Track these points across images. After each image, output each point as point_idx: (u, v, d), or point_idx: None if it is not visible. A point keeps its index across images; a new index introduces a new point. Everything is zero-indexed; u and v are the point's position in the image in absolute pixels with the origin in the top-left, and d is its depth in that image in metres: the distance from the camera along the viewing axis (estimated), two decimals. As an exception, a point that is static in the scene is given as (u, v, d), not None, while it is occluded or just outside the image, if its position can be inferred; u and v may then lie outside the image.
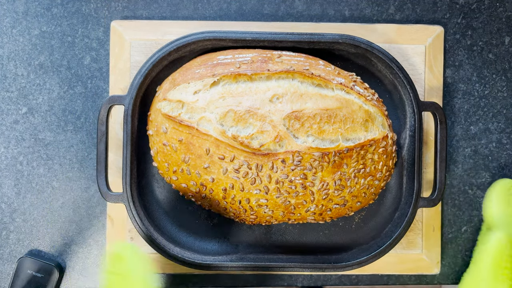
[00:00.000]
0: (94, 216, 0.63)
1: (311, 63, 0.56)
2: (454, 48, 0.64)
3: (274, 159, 0.54)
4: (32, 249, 0.63)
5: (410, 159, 0.59)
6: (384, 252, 0.58)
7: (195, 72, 0.56)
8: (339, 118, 0.54)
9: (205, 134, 0.54)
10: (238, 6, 0.64)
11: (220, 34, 0.57)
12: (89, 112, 0.63)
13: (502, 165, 0.65)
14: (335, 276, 0.64)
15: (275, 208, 0.56)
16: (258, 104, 0.53)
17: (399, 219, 0.59)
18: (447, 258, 0.64)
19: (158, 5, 0.63)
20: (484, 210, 0.61)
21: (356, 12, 0.64)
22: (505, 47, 0.65)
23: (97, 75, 0.63)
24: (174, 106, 0.55)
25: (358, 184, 0.56)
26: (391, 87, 0.61)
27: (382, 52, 0.58)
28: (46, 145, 0.63)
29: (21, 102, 0.63)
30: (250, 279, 0.63)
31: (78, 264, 0.63)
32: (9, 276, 0.63)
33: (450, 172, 0.64)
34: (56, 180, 0.63)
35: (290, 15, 0.64)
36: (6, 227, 0.63)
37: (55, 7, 0.63)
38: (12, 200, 0.63)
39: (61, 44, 0.63)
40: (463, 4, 0.65)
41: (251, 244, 0.62)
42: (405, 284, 0.65)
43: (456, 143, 0.64)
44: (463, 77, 0.64)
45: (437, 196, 0.59)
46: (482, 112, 0.64)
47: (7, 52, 0.63)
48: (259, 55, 0.56)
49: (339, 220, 0.63)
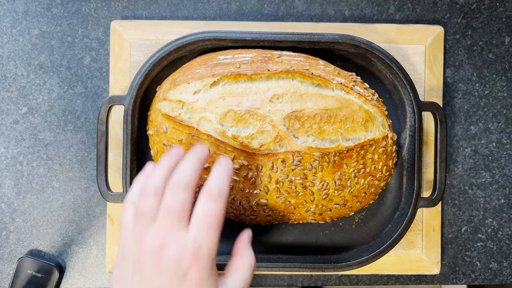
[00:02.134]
0: (94, 216, 0.63)
1: (311, 63, 0.56)
2: (454, 48, 0.64)
3: (274, 159, 0.54)
4: (32, 249, 0.63)
5: (410, 159, 0.60)
6: (384, 252, 0.58)
7: (195, 72, 0.56)
8: (339, 118, 0.54)
9: (205, 134, 0.54)
10: (238, 6, 0.64)
11: (220, 34, 0.57)
12: (89, 112, 0.63)
13: (502, 165, 0.65)
14: (335, 276, 0.64)
15: (275, 208, 0.56)
16: (258, 104, 0.53)
17: (399, 219, 0.59)
18: (447, 258, 0.64)
19: (158, 5, 0.63)
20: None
21: (356, 12, 0.64)
22: (505, 47, 0.65)
23: (97, 75, 0.63)
24: (174, 106, 0.55)
25: (358, 184, 0.56)
26: (391, 87, 0.61)
27: (382, 52, 0.58)
28: (46, 145, 0.63)
29: (21, 102, 0.63)
30: (250, 279, 0.63)
31: (78, 264, 0.63)
32: (9, 276, 0.63)
33: (450, 172, 0.64)
34: (56, 180, 0.63)
35: (290, 15, 0.64)
36: (6, 227, 0.63)
37: (55, 7, 0.63)
38: (12, 200, 0.63)
39: (61, 44, 0.63)
40: (463, 4, 0.65)
41: (251, 244, 0.62)
42: (405, 284, 0.65)
43: (456, 143, 0.64)
44: (463, 77, 0.64)
45: (437, 196, 0.59)
46: (482, 112, 0.64)
47: (7, 52, 0.63)
48: (259, 55, 0.56)
49: (339, 220, 0.63)
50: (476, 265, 0.65)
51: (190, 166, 0.45)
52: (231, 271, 0.46)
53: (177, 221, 0.42)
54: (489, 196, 0.64)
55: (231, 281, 0.45)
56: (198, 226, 0.42)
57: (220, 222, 0.43)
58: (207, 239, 0.42)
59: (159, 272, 0.41)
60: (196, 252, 0.41)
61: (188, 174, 0.44)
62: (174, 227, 0.42)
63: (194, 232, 0.42)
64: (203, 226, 0.42)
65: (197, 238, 0.41)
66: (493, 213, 0.64)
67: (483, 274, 0.65)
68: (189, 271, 0.41)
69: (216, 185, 0.44)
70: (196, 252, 0.41)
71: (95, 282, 0.63)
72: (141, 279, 0.41)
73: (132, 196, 0.46)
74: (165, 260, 0.41)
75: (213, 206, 0.43)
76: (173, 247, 0.41)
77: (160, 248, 0.41)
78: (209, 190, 0.44)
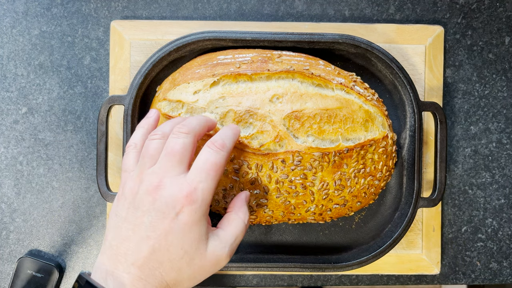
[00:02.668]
0: (94, 216, 0.63)
1: (311, 63, 0.56)
2: (454, 48, 0.64)
3: (274, 159, 0.53)
4: (32, 249, 0.63)
5: (410, 159, 0.60)
6: (384, 252, 0.58)
7: (195, 72, 0.56)
8: (339, 118, 0.54)
9: (205, 134, 0.54)
10: (238, 6, 0.64)
11: (220, 34, 0.57)
12: (89, 112, 0.63)
13: (502, 165, 0.65)
14: (335, 276, 0.64)
15: (275, 208, 0.56)
16: (258, 104, 0.53)
17: (399, 219, 0.59)
18: (447, 258, 0.64)
19: (158, 5, 0.63)
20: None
21: (356, 12, 0.64)
22: (505, 47, 0.65)
23: (97, 75, 0.63)
24: (174, 106, 0.55)
25: (358, 184, 0.56)
26: (391, 87, 0.61)
27: (382, 52, 0.58)
28: (46, 145, 0.63)
29: (21, 102, 0.63)
30: (250, 279, 0.63)
31: (78, 264, 0.63)
32: (9, 276, 0.63)
33: (450, 172, 0.64)
34: (56, 180, 0.63)
35: (290, 15, 0.64)
36: (6, 227, 0.63)
37: (55, 7, 0.63)
38: (12, 200, 0.63)
39: (61, 44, 0.63)
40: (463, 4, 0.65)
41: (251, 244, 0.62)
42: (405, 284, 0.65)
43: (456, 143, 0.64)
44: (463, 77, 0.64)
45: (437, 196, 0.59)
46: (482, 112, 0.64)
47: (7, 52, 0.63)
48: (259, 55, 0.56)
49: (339, 220, 0.63)
50: (476, 265, 0.65)
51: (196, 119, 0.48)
52: (224, 225, 0.47)
53: (177, 164, 0.44)
54: (489, 196, 0.64)
55: (222, 233, 0.46)
56: (196, 171, 0.44)
57: (218, 172, 0.45)
58: (203, 185, 0.43)
59: (153, 209, 0.42)
60: (190, 194, 0.42)
61: (193, 123, 0.47)
62: (174, 169, 0.44)
63: (192, 177, 0.43)
64: (201, 171, 0.44)
65: (193, 181, 0.43)
66: (493, 213, 0.64)
67: (483, 274, 0.65)
68: (181, 212, 0.42)
69: (221, 138, 0.46)
70: (190, 194, 0.42)
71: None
72: (134, 215, 0.43)
73: (135, 139, 0.49)
74: (160, 199, 0.42)
75: (214, 155, 0.45)
76: (169, 187, 0.43)
77: (157, 187, 0.43)
78: (212, 141, 0.46)
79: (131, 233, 0.42)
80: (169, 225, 0.42)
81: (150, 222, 0.42)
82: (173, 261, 0.42)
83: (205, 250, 0.43)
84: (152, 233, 0.42)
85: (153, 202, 0.42)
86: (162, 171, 0.43)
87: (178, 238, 0.42)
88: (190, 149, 0.45)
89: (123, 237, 0.42)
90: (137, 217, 0.43)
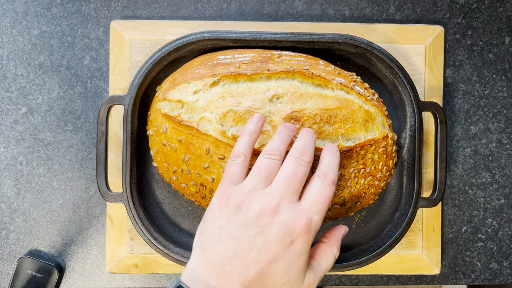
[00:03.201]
0: (94, 216, 0.63)
1: (311, 63, 0.56)
2: (454, 48, 0.64)
3: (274, 159, 0.53)
4: (32, 249, 0.63)
5: (410, 159, 0.59)
6: (384, 252, 0.58)
7: (195, 72, 0.56)
8: (339, 118, 0.54)
9: (205, 134, 0.54)
10: (238, 6, 0.64)
11: (220, 34, 0.57)
12: (89, 112, 0.63)
13: (502, 165, 0.65)
14: (335, 276, 0.64)
15: (275, 208, 0.56)
16: (258, 104, 0.53)
17: (399, 219, 0.59)
18: (447, 258, 0.64)
19: (158, 5, 0.63)
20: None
21: (356, 12, 0.64)
22: (505, 47, 0.65)
23: (97, 75, 0.63)
24: (174, 106, 0.55)
25: (358, 184, 0.56)
26: (391, 87, 0.61)
27: (382, 52, 0.58)
28: (46, 145, 0.63)
29: (21, 102, 0.63)
30: (250, 279, 0.63)
31: (78, 264, 0.63)
32: (9, 276, 0.63)
33: (450, 172, 0.64)
34: (56, 180, 0.63)
35: (290, 15, 0.64)
36: (6, 227, 0.63)
37: (55, 7, 0.63)
38: (12, 200, 0.63)
39: (60, 44, 0.63)
40: (463, 4, 0.65)
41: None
42: (405, 284, 0.65)
43: (456, 143, 0.64)
44: (463, 77, 0.64)
45: (437, 196, 0.59)
46: (482, 112, 0.64)
47: (6, 52, 0.63)
48: (259, 55, 0.56)
49: (339, 220, 0.63)
50: (476, 265, 0.65)
51: (310, 144, 0.47)
52: (318, 255, 0.47)
53: (295, 191, 0.44)
54: (489, 196, 0.64)
55: (316, 265, 0.46)
56: (312, 201, 0.44)
57: (328, 207, 0.45)
58: (318, 216, 0.44)
59: (268, 232, 0.42)
60: (308, 224, 0.43)
61: (309, 150, 0.46)
62: (292, 196, 0.44)
63: (308, 206, 0.44)
64: (316, 203, 0.44)
65: (310, 212, 0.43)
66: (493, 213, 0.64)
67: (483, 274, 0.65)
68: (296, 240, 0.42)
69: (332, 173, 0.46)
70: (308, 224, 0.43)
71: (95, 282, 0.63)
72: (245, 233, 0.42)
73: (242, 149, 0.48)
74: (278, 223, 0.42)
75: (328, 189, 0.45)
76: (287, 213, 0.42)
77: (275, 210, 0.42)
78: (325, 174, 0.46)
79: (240, 251, 0.42)
80: (282, 251, 0.42)
81: (263, 244, 0.42)
82: (276, 286, 0.42)
83: (303, 280, 0.44)
84: (264, 256, 0.42)
85: (269, 224, 0.42)
86: (280, 194, 0.43)
87: (287, 265, 0.42)
88: (306, 178, 0.46)
89: (230, 254, 0.42)
90: (249, 236, 0.42)
